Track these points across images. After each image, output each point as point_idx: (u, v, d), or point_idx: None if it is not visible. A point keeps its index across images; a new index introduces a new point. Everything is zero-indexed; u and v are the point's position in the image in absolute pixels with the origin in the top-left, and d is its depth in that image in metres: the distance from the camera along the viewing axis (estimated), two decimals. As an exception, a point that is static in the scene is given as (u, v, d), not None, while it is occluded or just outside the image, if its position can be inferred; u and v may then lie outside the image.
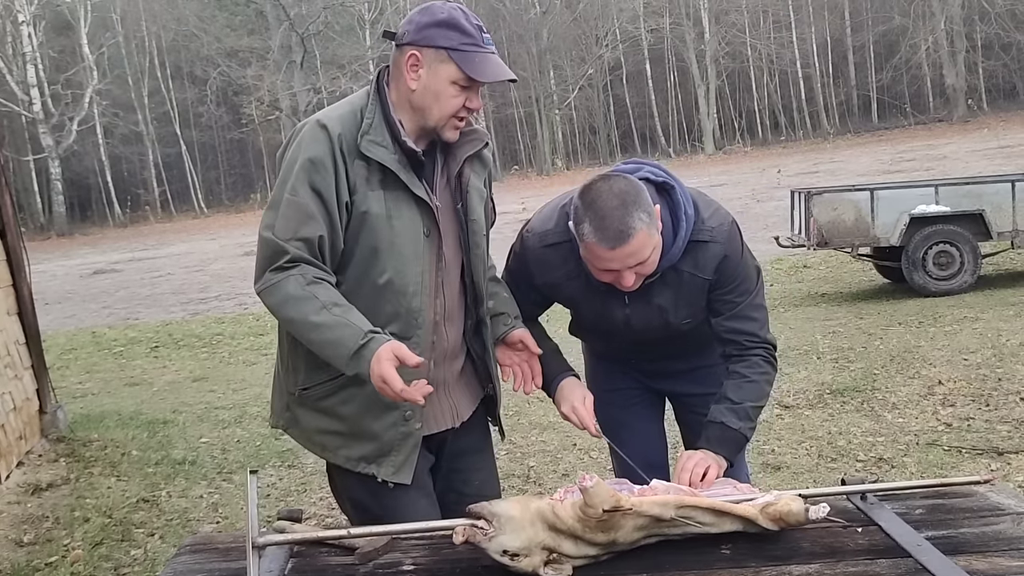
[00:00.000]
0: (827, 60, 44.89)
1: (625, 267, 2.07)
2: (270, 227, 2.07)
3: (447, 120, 2.12)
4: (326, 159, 2.06)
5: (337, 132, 2.07)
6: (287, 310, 2.05)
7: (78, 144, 40.43)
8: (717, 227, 2.22)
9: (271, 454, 5.64)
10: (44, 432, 5.91)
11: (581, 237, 2.07)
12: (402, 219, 2.12)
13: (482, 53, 2.08)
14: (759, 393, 2.26)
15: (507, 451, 5.30)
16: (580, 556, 1.76)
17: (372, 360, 1.96)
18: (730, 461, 2.19)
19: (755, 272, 2.31)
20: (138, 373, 9.38)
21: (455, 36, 2.07)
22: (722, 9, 44.12)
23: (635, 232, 2.02)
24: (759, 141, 43.23)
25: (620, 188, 2.05)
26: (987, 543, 1.80)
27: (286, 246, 2.05)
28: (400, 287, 2.13)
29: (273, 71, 39.92)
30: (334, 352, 2.02)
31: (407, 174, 2.11)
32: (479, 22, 2.12)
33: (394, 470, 2.17)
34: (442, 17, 2.08)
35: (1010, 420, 5.01)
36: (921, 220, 9.16)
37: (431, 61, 2.08)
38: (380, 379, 1.95)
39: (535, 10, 43.56)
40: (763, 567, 1.75)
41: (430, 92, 2.10)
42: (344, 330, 2.00)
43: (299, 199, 2.05)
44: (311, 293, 2.03)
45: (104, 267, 22.23)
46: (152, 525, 4.60)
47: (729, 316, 2.27)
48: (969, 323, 7.55)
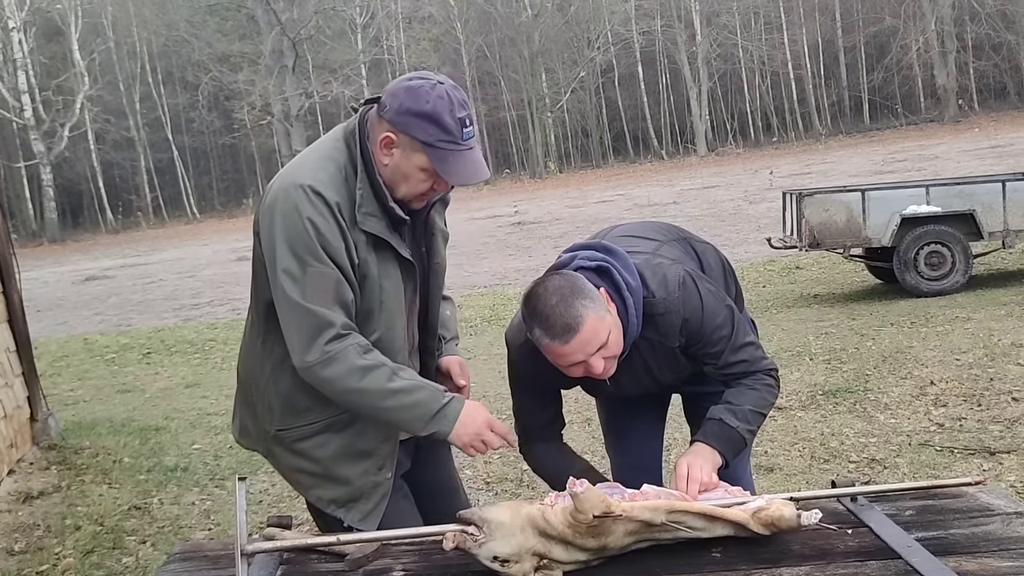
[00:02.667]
0: (818, 61, 45.00)
1: (587, 355, 2.05)
2: (305, 296, 2.03)
3: (413, 197, 2.13)
4: (334, 229, 2.04)
5: (335, 201, 2.05)
6: (355, 381, 2.04)
7: (69, 150, 40.31)
8: (667, 296, 2.19)
9: (263, 460, 5.62)
10: (35, 440, 5.89)
11: (538, 343, 2.08)
12: (390, 279, 2.14)
13: (458, 152, 2.05)
14: (761, 401, 2.26)
15: (500, 455, 5.30)
16: (570, 561, 1.76)
17: (464, 413, 2.08)
18: (726, 460, 2.18)
19: (727, 315, 2.25)
20: (130, 380, 9.34)
21: (434, 131, 2.03)
22: (713, 11, 44.19)
23: (583, 320, 2.00)
24: (751, 142, 43.30)
25: (555, 285, 2.05)
26: (977, 544, 1.80)
27: (332, 316, 2.04)
28: (388, 343, 2.15)
29: (265, 76, 39.93)
30: (412, 415, 2.07)
31: (394, 238, 2.13)
32: (465, 112, 2.06)
33: (361, 517, 2.19)
34: (426, 109, 2.02)
35: (1002, 420, 5.02)
36: (912, 221, 9.18)
37: (405, 146, 2.06)
38: (487, 426, 2.10)
39: (527, 13, 43.60)
40: (753, 570, 1.75)
41: (399, 172, 2.09)
42: (422, 393, 2.07)
43: (324, 268, 2.04)
44: (379, 361, 2.06)
45: (96, 273, 22.16)
46: (144, 532, 4.58)
47: (718, 366, 2.27)
48: (961, 323, 7.57)
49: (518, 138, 46.64)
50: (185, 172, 44.85)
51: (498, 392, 5.76)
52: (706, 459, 2.12)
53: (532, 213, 23.81)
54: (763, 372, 2.28)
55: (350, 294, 2.07)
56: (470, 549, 1.72)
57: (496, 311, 10.91)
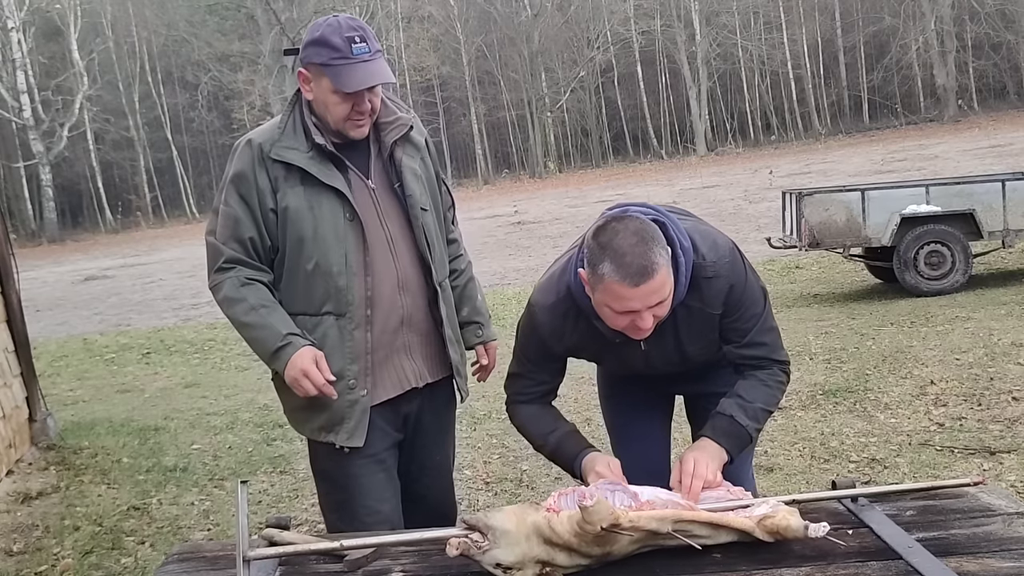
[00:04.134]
0: (818, 61, 45.00)
1: (645, 307, 1.97)
2: (212, 232, 2.43)
3: (343, 123, 2.38)
4: (248, 171, 2.38)
5: (258, 144, 2.39)
6: (225, 309, 2.43)
7: (69, 150, 40.32)
8: (718, 260, 2.14)
9: (263, 460, 5.62)
10: (34, 440, 5.88)
11: (600, 278, 1.96)
12: (321, 208, 2.37)
13: (350, 65, 2.29)
14: (770, 398, 2.23)
15: (500, 455, 5.29)
16: (572, 566, 1.76)
17: (293, 358, 2.32)
18: (731, 456, 2.15)
19: (762, 294, 2.25)
20: (129, 380, 9.33)
21: (325, 52, 2.30)
22: (713, 11, 44.20)
23: (658, 268, 1.94)
24: (751, 142, 43.30)
25: (637, 226, 1.97)
26: (978, 544, 1.79)
27: (223, 248, 2.40)
28: (325, 269, 2.38)
29: (264, 75, 39.90)
30: (259, 349, 2.40)
31: (320, 168, 2.37)
32: (355, 32, 2.30)
33: (348, 436, 2.44)
34: (317, 36, 2.33)
35: (1002, 419, 5.01)
36: (912, 220, 9.17)
37: (314, 75, 2.36)
38: (301, 372, 2.31)
39: (526, 13, 43.60)
40: (753, 570, 1.74)
41: (320, 103, 2.38)
42: (266, 331, 2.36)
43: (230, 208, 2.39)
44: (243, 295, 2.38)
45: (95, 273, 22.16)
46: (143, 533, 4.57)
47: (741, 344, 2.23)
48: (961, 323, 7.56)
49: (518, 138, 46.65)
50: (184, 172, 44.84)
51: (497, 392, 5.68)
52: (712, 456, 2.10)
53: (532, 213, 23.81)
54: (778, 367, 2.26)
55: (250, 231, 2.38)
56: (473, 556, 1.72)
57: (496, 311, 10.90)
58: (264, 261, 2.43)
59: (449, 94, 47.25)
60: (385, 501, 2.50)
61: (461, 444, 5.34)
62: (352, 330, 2.41)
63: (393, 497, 2.53)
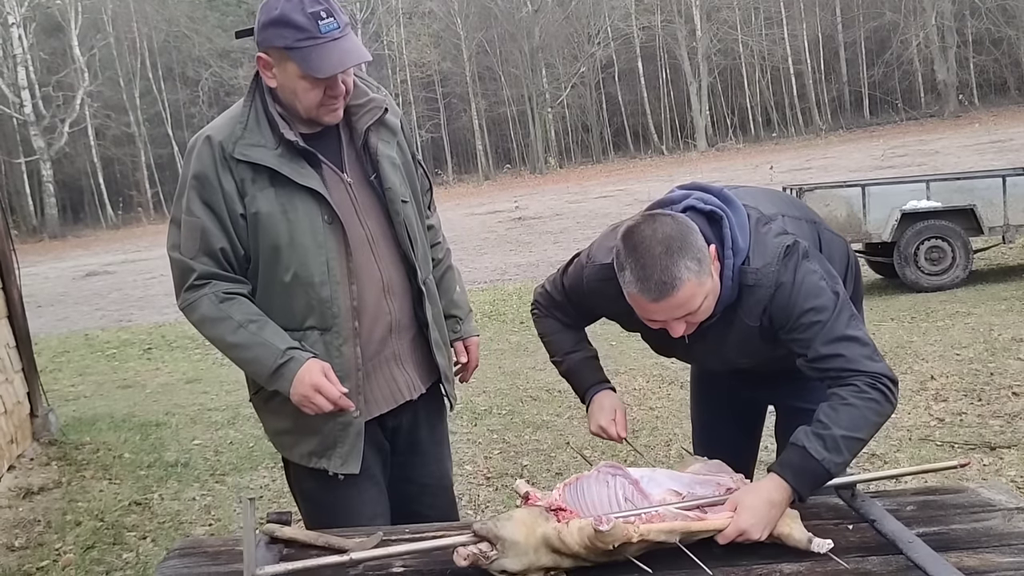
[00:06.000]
0: (819, 56, 44.94)
1: (671, 318, 1.87)
2: (176, 247, 2.14)
3: (315, 110, 2.11)
4: (209, 173, 2.09)
5: (218, 141, 2.10)
6: (206, 330, 2.15)
7: (70, 146, 40.30)
8: (763, 267, 1.94)
9: (264, 455, 5.62)
10: (35, 435, 5.88)
11: (623, 284, 1.88)
12: (296, 212, 2.11)
13: (319, 45, 2.01)
14: (858, 420, 1.84)
15: (500, 450, 5.30)
16: (576, 567, 1.78)
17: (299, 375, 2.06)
18: (801, 496, 1.84)
19: (828, 298, 1.92)
20: (131, 375, 9.34)
21: (289, 33, 2.01)
22: (713, 6, 44.13)
23: (681, 283, 1.80)
24: (751, 138, 43.27)
25: (666, 233, 1.83)
26: (978, 539, 1.80)
27: (193, 264, 2.11)
28: (306, 279, 2.13)
29: (265, 71, 39.81)
30: (255, 371, 2.14)
31: (292, 166, 2.10)
32: (319, 6, 2.01)
33: (342, 462, 2.21)
34: (275, 15, 2.02)
35: (1002, 415, 5.02)
36: (913, 216, 9.18)
37: (277, 61, 2.07)
38: (312, 388, 2.06)
39: (527, 8, 43.53)
40: (754, 565, 1.75)
41: (287, 90, 2.09)
42: (261, 349, 2.09)
43: (194, 217, 2.10)
44: (225, 313, 2.10)
45: (97, 269, 22.15)
46: (144, 528, 4.58)
47: (807, 358, 1.93)
48: (961, 318, 7.56)
49: (518, 133, 46.60)
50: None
51: (498, 388, 5.74)
52: (773, 503, 1.80)
53: (532, 208, 23.80)
54: (865, 379, 1.87)
55: (220, 242, 2.10)
56: (481, 566, 1.72)
57: (496, 307, 10.90)
58: (239, 272, 2.15)
59: (450, 90, 47.20)
60: (378, 516, 2.28)
61: (462, 439, 5.35)
62: (340, 345, 2.16)
63: (386, 510, 2.32)
